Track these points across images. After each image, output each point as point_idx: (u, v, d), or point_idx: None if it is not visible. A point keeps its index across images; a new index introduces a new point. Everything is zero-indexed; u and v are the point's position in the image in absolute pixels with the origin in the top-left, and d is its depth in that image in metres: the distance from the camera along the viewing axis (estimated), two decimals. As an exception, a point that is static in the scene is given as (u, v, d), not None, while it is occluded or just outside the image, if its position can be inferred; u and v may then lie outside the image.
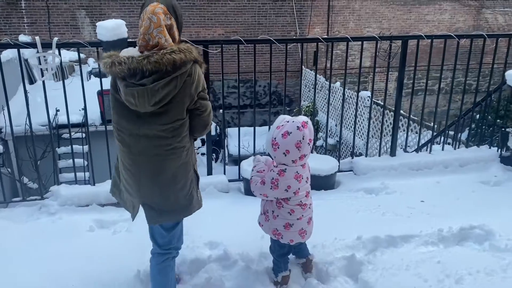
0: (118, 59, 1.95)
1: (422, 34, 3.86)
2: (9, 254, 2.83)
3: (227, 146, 10.92)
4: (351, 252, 2.88)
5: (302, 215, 2.46)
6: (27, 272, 2.65)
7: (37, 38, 3.22)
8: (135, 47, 2.07)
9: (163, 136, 2.06)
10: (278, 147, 2.32)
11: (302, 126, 2.27)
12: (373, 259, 2.81)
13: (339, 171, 4.07)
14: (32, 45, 3.26)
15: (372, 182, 3.93)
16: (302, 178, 2.40)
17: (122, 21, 3.22)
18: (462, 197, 3.64)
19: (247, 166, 3.77)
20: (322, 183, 3.80)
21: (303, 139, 2.27)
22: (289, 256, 2.65)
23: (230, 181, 3.88)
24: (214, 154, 11.52)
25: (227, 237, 2.99)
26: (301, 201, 2.44)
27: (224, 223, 3.20)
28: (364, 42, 4.20)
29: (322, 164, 3.86)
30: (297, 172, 2.37)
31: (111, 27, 3.14)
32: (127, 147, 2.12)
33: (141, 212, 3.34)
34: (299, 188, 2.40)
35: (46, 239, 3.00)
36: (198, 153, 10.46)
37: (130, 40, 3.31)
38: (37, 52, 3.29)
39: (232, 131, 11.32)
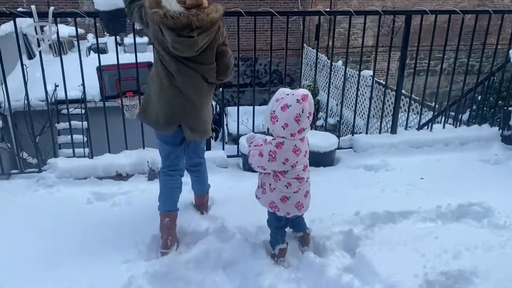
0: (171, 13, 2.28)
1: (426, 9, 3.78)
2: (6, 226, 2.83)
3: (226, 125, 10.88)
4: (348, 227, 2.88)
5: (299, 188, 2.44)
6: (24, 244, 2.65)
7: (32, 7, 3.15)
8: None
9: (201, 75, 2.54)
10: (277, 120, 2.29)
11: (302, 99, 2.23)
12: (371, 234, 2.80)
13: (339, 148, 4.04)
14: (29, 14, 3.19)
15: (372, 159, 3.91)
16: (301, 152, 2.38)
17: (120, -9, 3.15)
18: (462, 175, 3.63)
19: (245, 141, 3.74)
20: (322, 159, 3.78)
21: (302, 112, 2.23)
22: (286, 230, 2.65)
23: (228, 156, 3.87)
24: (213, 133, 11.51)
25: (225, 211, 3.00)
26: (298, 175, 2.42)
27: (222, 197, 3.19)
28: (367, 20, 4.12)
29: (322, 140, 3.84)
30: (295, 145, 2.35)
31: (109, -3, 3.08)
32: (175, 76, 2.52)
33: (138, 185, 3.34)
34: (297, 162, 2.38)
35: (43, 211, 3.00)
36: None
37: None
38: (34, 22, 3.23)
39: (231, 110, 11.25)
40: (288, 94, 2.28)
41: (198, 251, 2.63)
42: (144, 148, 3.76)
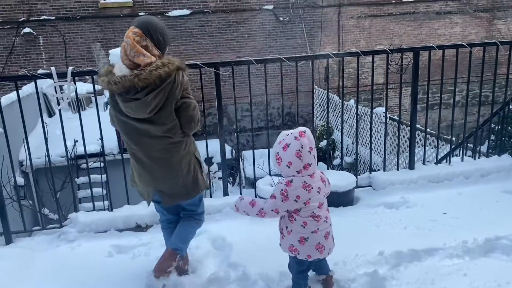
0: (114, 79, 2.32)
1: (433, 45, 3.84)
2: (29, 283, 2.83)
3: (243, 169, 10.91)
4: (373, 268, 2.80)
5: (318, 228, 2.41)
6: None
7: (52, 68, 3.31)
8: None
9: (162, 136, 2.45)
10: (281, 161, 2.37)
11: (299, 135, 2.32)
12: (396, 274, 2.73)
13: (357, 186, 4.01)
14: (49, 75, 3.34)
15: (392, 196, 3.86)
16: (312, 188, 2.38)
17: (134, 48, 3.28)
18: (486, 208, 3.55)
19: (262, 185, 3.75)
20: (341, 199, 3.74)
21: (302, 148, 2.30)
22: (308, 273, 2.60)
23: (247, 201, 3.85)
24: (231, 178, 11.53)
25: (246, 257, 2.96)
26: (313, 212, 2.39)
27: (242, 243, 3.16)
28: (376, 58, 4.20)
29: (340, 180, 3.81)
30: (304, 181, 2.36)
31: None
32: (136, 147, 2.52)
33: (157, 236, 3.34)
34: (309, 199, 2.37)
35: (65, 266, 3.00)
36: (215, 177, 10.51)
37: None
38: (54, 82, 3.37)
39: (247, 154, 11.32)
40: (287, 135, 2.38)
41: (221, 300, 2.58)
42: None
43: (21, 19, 11.01)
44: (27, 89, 8.14)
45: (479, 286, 2.54)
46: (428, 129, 4.97)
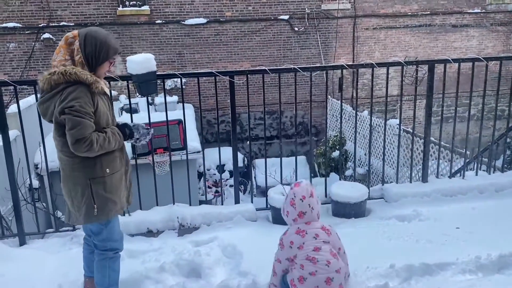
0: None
1: (449, 58, 3.82)
2: (40, 283, 2.86)
3: (254, 177, 10.91)
4: (384, 280, 2.78)
5: (315, 271, 2.40)
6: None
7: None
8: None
9: (57, 147, 2.40)
10: (283, 211, 2.60)
11: (294, 186, 2.56)
12: (407, 287, 2.70)
13: (370, 198, 3.98)
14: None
15: (404, 209, 3.83)
16: (307, 234, 2.49)
17: (151, 55, 3.34)
18: (500, 223, 3.49)
19: (273, 193, 3.75)
20: (352, 210, 3.73)
21: (294, 196, 2.51)
22: None
23: (257, 209, 3.86)
24: (242, 186, 11.53)
25: (255, 266, 2.96)
26: (307, 255, 2.44)
27: (252, 252, 3.16)
28: (391, 70, 4.19)
29: (352, 191, 3.80)
30: (298, 228, 2.51)
31: (140, 61, 3.26)
32: None
33: (168, 242, 3.36)
34: (303, 243, 2.47)
35: (77, 268, 3.02)
36: (226, 185, 10.52)
37: (159, 73, 3.43)
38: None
39: (259, 162, 11.33)
40: (290, 188, 2.60)
41: (230, 308, 2.58)
42: (174, 204, 3.80)
43: (41, 25, 11.24)
44: (45, 93, 8.29)
45: (492, 303, 2.50)
46: (442, 142, 4.92)
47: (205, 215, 3.63)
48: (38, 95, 2.40)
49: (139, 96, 3.60)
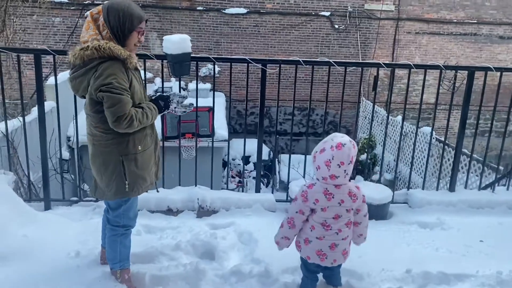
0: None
1: (491, 66, 3.69)
2: (60, 248, 2.95)
3: (279, 172, 10.89)
4: (398, 284, 2.74)
5: (323, 236, 2.41)
6: (78, 267, 2.76)
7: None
8: None
9: (90, 123, 2.39)
10: (315, 161, 2.40)
11: (336, 146, 2.31)
12: (422, 294, 2.64)
13: (393, 202, 3.91)
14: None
15: (427, 216, 3.74)
16: (333, 198, 2.38)
17: (187, 36, 3.36)
18: (527, 241, 3.37)
19: (295, 186, 3.73)
20: (374, 212, 3.65)
21: (332, 159, 2.31)
22: (319, 277, 2.64)
23: (277, 201, 3.85)
24: (265, 179, 11.52)
25: (269, 254, 2.94)
26: (325, 221, 2.40)
27: (268, 240, 3.13)
28: (430, 77, 4.09)
29: (376, 193, 3.74)
30: (326, 189, 2.39)
31: (176, 41, 3.30)
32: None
33: (187, 222, 3.41)
34: (327, 206, 2.39)
35: (95, 237, 3.09)
36: (249, 176, 10.55)
37: (193, 55, 3.46)
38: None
39: (284, 157, 11.28)
40: (331, 139, 2.36)
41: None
42: (196, 186, 3.84)
43: (86, 2, 11.50)
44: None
45: (509, 320, 2.42)
46: (474, 155, 4.77)
47: (225, 200, 3.65)
48: (69, 71, 2.40)
49: (173, 76, 3.62)
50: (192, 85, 10.47)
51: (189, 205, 3.62)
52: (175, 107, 2.61)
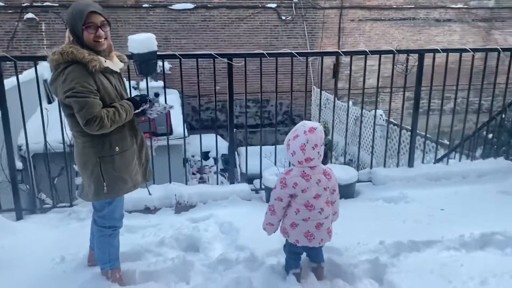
0: None
1: (438, 48, 3.98)
2: (43, 256, 2.92)
3: (239, 165, 11.00)
4: (374, 255, 2.94)
5: (309, 217, 2.54)
6: (64, 272, 2.75)
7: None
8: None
9: (68, 126, 2.46)
10: (289, 148, 2.53)
11: (308, 130, 2.48)
12: (397, 262, 2.86)
13: (358, 181, 4.14)
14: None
15: (391, 191, 4.00)
16: (311, 178, 2.53)
17: (152, 35, 3.38)
18: (482, 206, 3.70)
19: (268, 175, 3.87)
20: (342, 191, 3.81)
21: (307, 142, 2.46)
22: (302, 256, 2.75)
23: (252, 190, 3.97)
24: (226, 173, 11.60)
25: (252, 240, 3.07)
26: (308, 201, 2.54)
27: (249, 227, 3.26)
28: (374, 61, 4.31)
29: (342, 173, 3.94)
30: (303, 171, 2.53)
31: (142, 40, 3.31)
32: None
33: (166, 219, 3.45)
34: (307, 187, 2.52)
35: (78, 242, 3.08)
36: (210, 172, 10.58)
37: (159, 53, 3.48)
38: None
39: (243, 150, 11.38)
40: (303, 126, 2.52)
41: (230, 279, 2.69)
42: (170, 183, 3.88)
43: (24, 4, 11.00)
44: (27, 74, 8.16)
45: (475, 276, 2.68)
46: (423, 133, 5.11)
47: (202, 194, 3.73)
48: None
49: (140, 75, 3.63)
50: (143, 84, 10.30)
51: (166, 202, 3.67)
52: (150, 106, 2.60)
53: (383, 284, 2.68)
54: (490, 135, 5.53)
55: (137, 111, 2.56)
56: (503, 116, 4.98)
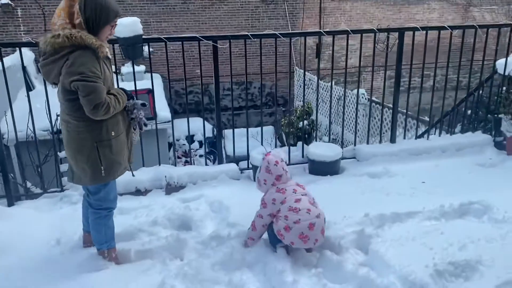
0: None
1: (417, 26, 4.09)
2: (39, 239, 2.98)
3: (224, 147, 11.06)
4: (360, 227, 3.07)
5: (299, 219, 2.66)
6: (62, 253, 2.82)
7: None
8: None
9: (63, 111, 2.46)
10: (260, 182, 2.90)
11: (265, 155, 2.91)
12: (381, 232, 3.01)
13: (343, 158, 4.27)
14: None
15: (375, 167, 4.14)
16: (286, 190, 2.79)
17: (137, 18, 3.41)
18: (461, 178, 3.87)
19: (256, 154, 3.96)
20: (328, 168, 4.00)
21: (268, 163, 2.84)
22: None
23: (240, 170, 4.07)
24: (211, 156, 11.68)
25: (242, 217, 3.17)
26: (291, 206, 2.70)
27: (239, 205, 3.38)
28: (355, 41, 4.40)
29: (327, 150, 4.07)
30: (277, 187, 2.81)
31: (128, 24, 3.34)
32: None
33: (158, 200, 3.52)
34: (285, 198, 2.75)
35: (72, 224, 3.14)
36: (196, 155, 10.64)
37: (145, 36, 3.51)
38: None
39: (228, 133, 11.43)
40: (262, 159, 2.93)
41: (223, 254, 2.80)
42: (160, 165, 3.94)
43: (-1, -10, 10.73)
44: (6, 61, 8.00)
45: (454, 242, 2.84)
46: (405, 111, 5.26)
47: (191, 175, 3.81)
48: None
49: (126, 59, 3.65)
50: (126, 69, 10.22)
51: (157, 183, 3.74)
52: (134, 103, 2.63)
53: (369, 253, 2.82)
54: (469, 111, 5.71)
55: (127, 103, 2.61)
56: (481, 92, 5.15)
